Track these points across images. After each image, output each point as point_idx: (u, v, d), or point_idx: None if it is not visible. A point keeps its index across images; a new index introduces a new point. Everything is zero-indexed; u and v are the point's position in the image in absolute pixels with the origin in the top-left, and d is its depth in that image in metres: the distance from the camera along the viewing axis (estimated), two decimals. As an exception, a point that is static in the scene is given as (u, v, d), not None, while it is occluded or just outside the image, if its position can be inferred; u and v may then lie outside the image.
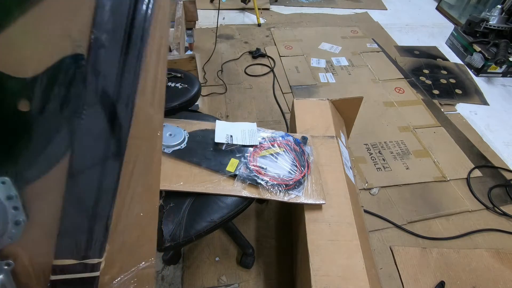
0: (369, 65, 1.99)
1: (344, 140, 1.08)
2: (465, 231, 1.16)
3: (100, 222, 0.29)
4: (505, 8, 2.02)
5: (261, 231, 1.13)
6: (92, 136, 0.28)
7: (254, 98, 1.71)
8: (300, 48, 2.11)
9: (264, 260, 1.05)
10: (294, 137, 0.90)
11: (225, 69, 1.90)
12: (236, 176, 0.77)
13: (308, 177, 0.80)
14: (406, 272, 1.03)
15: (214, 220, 0.70)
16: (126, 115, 0.29)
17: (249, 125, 0.90)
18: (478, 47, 2.00)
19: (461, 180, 1.35)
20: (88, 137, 0.28)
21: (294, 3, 2.75)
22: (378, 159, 1.40)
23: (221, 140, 0.83)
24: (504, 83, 1.98)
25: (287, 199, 0.75)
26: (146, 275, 0.32)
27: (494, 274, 1.03)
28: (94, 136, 0.28)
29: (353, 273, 0.70)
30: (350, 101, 1.14)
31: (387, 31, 2.41)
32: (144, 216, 0.31)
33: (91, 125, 0.28)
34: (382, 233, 1.15)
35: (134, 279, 0.30)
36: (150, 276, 0.32)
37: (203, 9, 2.45)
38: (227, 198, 0.74)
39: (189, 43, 1.96)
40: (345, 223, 0.78)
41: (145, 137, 0.31)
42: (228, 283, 0.98)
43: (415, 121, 1.61)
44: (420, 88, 1.84)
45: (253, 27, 2.36)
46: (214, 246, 1.07)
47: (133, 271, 0.30)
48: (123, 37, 0.29)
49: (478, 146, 1.51)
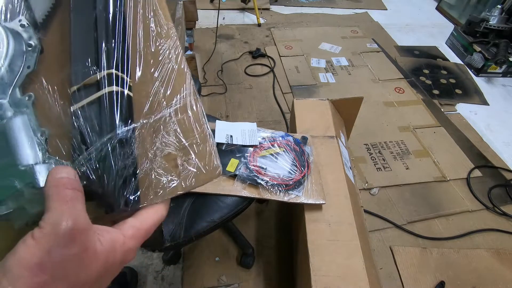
0: (369, 65, 1.99)
1: (344, 140, 1.08)
2: (465, 231, 1.16)
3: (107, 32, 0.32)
4: (505, 8, 2.02)
5: (261, 231, 1.13)
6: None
7: (254, 98, 1.71)
8: (300, 48, 2.12)
9: (264, 260, 1.05)
10: (294, 137, 0.90)
11: (225, 69, 1.90)
12: (236, 176, 0.77)
13: (308, 177, 0.80)
14: (406, 272, 1.03)
15: (214, 220, 0.70)
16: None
17: (249, 125, 0.90)
18: (478, 47, 2.00)
19: (461, 180, 1.35)
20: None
21: (294, 3, 2.75)
22: (378, 159, 1.40)
23: (221, 140, 0.83)
24: (504, 83, 1.98)
25: (287, 199, 0.75)
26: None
27: (494, 274, 1.03)
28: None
29: (353, 273, 0.70)
30: (350, 101, 1.14)
31: (387, 31, 2.42)
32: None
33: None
34: (382, 233, 1.15)
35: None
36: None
37: (203, 9, 2.45)
38: (227, 198, 0.74)
39: (189, 43, 1.96)
40: (345, 223, 0.78)
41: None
42: (228, 283, 0.98)
43: (415, 121, 1.61)
44: (420, 88, 1.84)
45: (253, 27, 2.36)
46: (214, 246, 1.07)
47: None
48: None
49: (478, 146, 1.51)
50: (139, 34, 0.32)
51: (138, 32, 0.33)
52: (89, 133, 0.28)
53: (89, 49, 0.31)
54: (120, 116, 0.29)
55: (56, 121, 0.30)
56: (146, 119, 0.30)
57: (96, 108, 0.30)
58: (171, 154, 0.30)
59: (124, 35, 0.32)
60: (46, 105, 0.30)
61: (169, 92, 0.31)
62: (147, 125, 0.30)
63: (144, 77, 0.31)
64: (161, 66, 0.32)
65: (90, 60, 0.31)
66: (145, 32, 0.33)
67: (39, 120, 0.29)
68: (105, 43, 0.31)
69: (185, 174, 0.29)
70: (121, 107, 0.29)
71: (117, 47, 0.31)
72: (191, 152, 0.30)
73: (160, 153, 0.29)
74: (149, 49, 0.32)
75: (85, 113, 0.29)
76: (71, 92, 0.30)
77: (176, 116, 0.30)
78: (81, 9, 0.32)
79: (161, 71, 0.32)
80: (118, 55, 0.31)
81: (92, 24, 0.32)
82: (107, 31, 0.31)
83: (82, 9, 0.32)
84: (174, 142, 0.30)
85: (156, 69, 0.32)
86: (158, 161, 0.29)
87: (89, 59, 0.31)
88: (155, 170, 0.29)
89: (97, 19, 0.32)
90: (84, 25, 0.32)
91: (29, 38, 0.30)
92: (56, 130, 0.29)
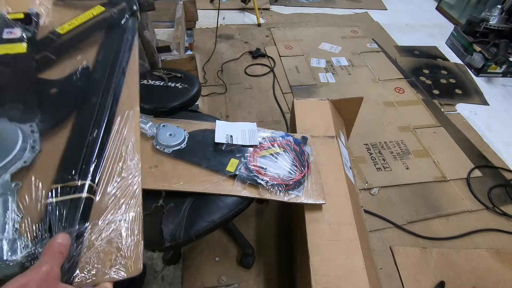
0: (369, 65, 1.99)
1: (344, 140, 1.08)
2: (465, 231, 1.16)
3: (91, 153, 0.43)
4: (505, 8, 2.02)
5: (261, 231, 1.13)
6: (89, 106, 0.46)
7: (254, 98, 1.71)
8: (300, 48, 2.12)
9: (264, 260, 1.05)
10: (294, 137, 0.90)
11: (225, 69, 1.90)
12: (236, 176, 0.77)
13: (308, 177, 0.80)
14: (406, 272, 1.03)
15: (214, 220, 0.70)
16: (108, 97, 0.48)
17: (249, 125, 0.90)
18: (478, 47, 2.00)
19: (461, 180, 1.35)
20: (87, 107, 0.46)
21: (294, 3, 2.75)
22: (378, 159, 1.40)
23: (221, 140, 0.83)
24: (504, 83, 1.98)
25: (287, 199, 0.75)
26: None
27: (494, 274, 1.03)
28: (91, 106, 0.46)
29: (353, 273, 0.70)
30: (350, 101, 1.14)
31: (387, 31, 2.41)
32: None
33: (89, 101, 0.47)
34: (382, 233, 1.15)
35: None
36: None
37: (203, 9, 2.45)
38: (227, 198, 0.74)
39: (189, 43, 1.96)
40: (345, 223, 0.78)
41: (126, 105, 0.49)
42: (228, 283, 0.98)
43: (415, 121, 1.61)
44: (420, 88, 1.84)
45: (253, 27, 2.36)
46: (214, 246, 1.07)
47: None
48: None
49: (478, 146, 1.51)
50: (115, 155, 0.44)
51: (116, 154, 0.44)
52: (55, 223, 0.37)
53: (76, 162, 0.42)
54: (81, 215, 0.38)
55: (32, 208, 0.38)
56: (101, 220, 0.40)
57: (66, 206, 0.38)
58: (109, 250, 0.38)
59: (102, 155, 0.43)
60: (27, 194, 0.38)
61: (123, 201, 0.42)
62: (100, 224, 0.40)
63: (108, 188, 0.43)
64: (121, 183, 0.43)
65: (74, 171, 0.41)
66: (119, 155, 0.45)
67: (17, 204, 0.37)
68: (92, 162, 0.42)
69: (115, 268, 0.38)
70: (84, 210, 0.39)
71: (97, 164, 0.42)
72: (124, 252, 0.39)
73: (100, 248, 0.38)
74: (117, 168, 0.44)
75: (57, 208, 0.38)
76: (51, 189, 0.39)
77: (122, 223, 0.40)
78: (79, 131, 0.44)
79: (119, 187, 0.43)
80: (96, 170, 0.42)
81: (84, 144, 0.43)
82: (94, 152, 0.43)
83: (80, 132, 0.44)
84: (114, 241, 0.39)
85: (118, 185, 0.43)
86: (98, 251, 0.38)
87: (73, 170, 0.41)
88: (93, 258, 0.38)
89: (89, 142, 0.43)
90: (78, 144, 0.43)
91: (33, 141, 0.41)
92: (30, 215, 0.37)
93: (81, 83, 0.48)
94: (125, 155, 0.44)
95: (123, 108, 0.47)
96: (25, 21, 0.50)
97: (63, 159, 0.41)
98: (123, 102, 0.48)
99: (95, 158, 0.42)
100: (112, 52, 0.50)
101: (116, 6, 0.54)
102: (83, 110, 0.45)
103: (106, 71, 0.49)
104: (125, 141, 0.45)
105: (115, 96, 0.47)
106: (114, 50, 0.50)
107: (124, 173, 0.43)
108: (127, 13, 0.55)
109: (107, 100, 0.46)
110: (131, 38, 0.52)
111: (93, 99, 0.46)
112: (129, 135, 0.45)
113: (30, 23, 0.50)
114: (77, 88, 0.47)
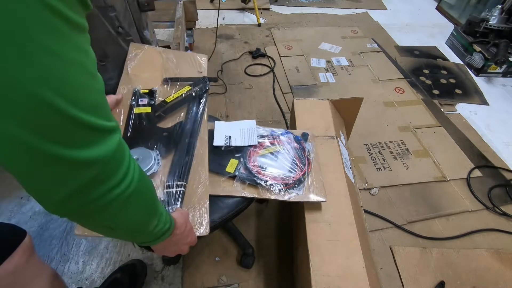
0: (369, 65, 1.99)
1: (344, 140, 1.08)
2: (465, 231, 1.16)
3: (185, 168, 0.72)
4: (505, 8, 2.02)
5: (261, 231, 1.13)
6: (184, 143, 0.76)
7: (254, 98, 1.71)
8: (300, 48, 2.12)
9: (264, 260, 1.05)
10: (294, 134, 0.89)
11: (225, 69, 1.90)
12: (235, 177, 0.77)
13: (308, 174, 0.80)
14: (406, 272, 1.03)
15: (214, 220, 0.70)
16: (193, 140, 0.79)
17: (248, 123, 0.89)
18: (478, 47, 2.00)
19: (461, 180, 1.35)
20: (183, 143, 0.76)
21: (294, 3, 2.75)
22: (378, 159, 1.40)
23: (220, 143, 0.83)
24: (504, 83, 1.98)
25: (288, 198, 0.75)
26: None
27: (494, 274, 1.03)
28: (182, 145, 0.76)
29: (353, 273, 0.70)
30: (350, 101, 1.14)
31: (387, 31, 2.41)
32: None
33: (184, 140, 0.77)
34: (382, 233, 1.15)
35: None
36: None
37: (203, 9, 2.45)
38: (227, 198, 0.74)
39: (189, 43, 1.96)
40: (345, 223, 0.78)
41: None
42: (228, 283, 0.98)
43: (415, 121, 1.61)
44: (420, 88, 1.84)
45: (253, 27, 2.36)
46: (214, 246, 1.07)
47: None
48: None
49: (478, 146, 1.51)
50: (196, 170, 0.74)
51: (195, 169, 0.74)
52: (167, 202, 0.67)
53: (178, 172, 0.71)
54: (181, 200, 0.67)
55: (158, 192, 0.68)
56: (186, 203, 0.69)
57: (172, 194, 0.67)
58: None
59: (190, 170, 0.73)
60: (155, 185, 0.70)
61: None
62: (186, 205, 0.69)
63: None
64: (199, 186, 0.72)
65: (177, 176, 0.70)
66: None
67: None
68: (185, 172, 0.71)
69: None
70: (181, 196, 0.67)
71: (188, 174, 0.71)
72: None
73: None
74: (197, 177, 0.73)
75: (168, 194, 0.68)
76: (166, 185, 0.69)
77: (196, 205, 0.69)
78: (179, 156, 0.74)
79: (197, 188, 0.71)
80: (187, 177, 0.71)
81: (182, 163, 0.72)
82: (186, 168, 0.72)
83: (180, 156, 0.74)
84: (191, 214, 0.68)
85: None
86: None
87: (176, 176, 0.70)
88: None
89: (184, 163, 0.72)
90: (179, 163, 0.72)
91: (158, 160, 0.72)
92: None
93: (179, 130, 0.78)
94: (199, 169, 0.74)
95: (200, 144, 0.78)
96: (150, 94, 0.82)
97: (171, 170, 0.70)
98: (200, 141, 0.78)
99: (187, 171, 0.71)
100: (194, 113, 0.83)
101: (197, 85, 0.87)
102: (181, 144, 0.75)
103: (191, 124, 0.80)
104: (202, 163, 0.74)
105: (195, 137, 0.78)
106: (195, 112, 0.83)
107: (198, 181, 0.72)
108: (203, 90, 0.88)
109: (194, 140, 0.77)
110: (204, 103, 0.85)
111: (186, 139, 0.76)
112: (203, 160, 0.76)
113: (152, 95, 0.82)
114: (177, 133, 0.77)
